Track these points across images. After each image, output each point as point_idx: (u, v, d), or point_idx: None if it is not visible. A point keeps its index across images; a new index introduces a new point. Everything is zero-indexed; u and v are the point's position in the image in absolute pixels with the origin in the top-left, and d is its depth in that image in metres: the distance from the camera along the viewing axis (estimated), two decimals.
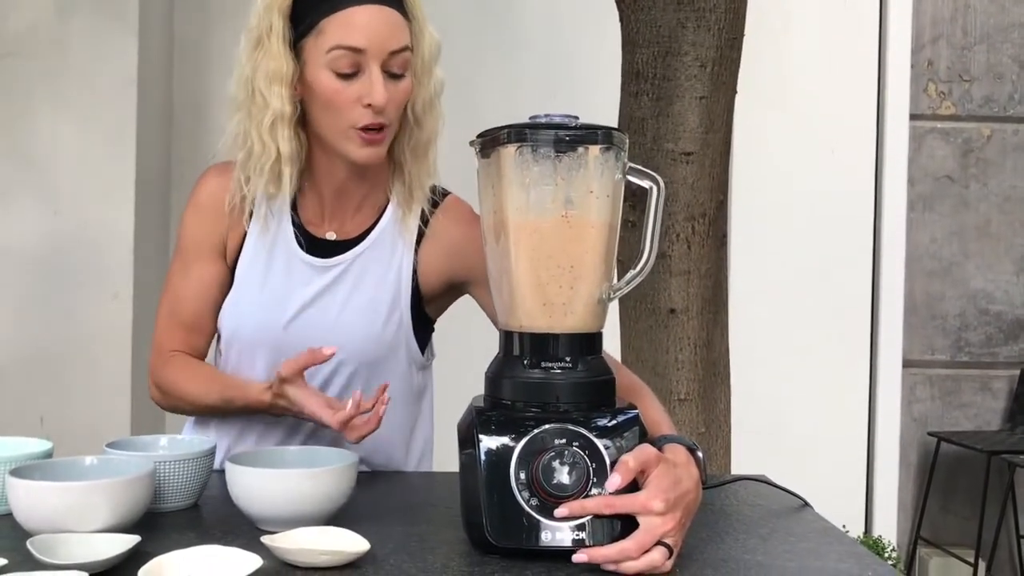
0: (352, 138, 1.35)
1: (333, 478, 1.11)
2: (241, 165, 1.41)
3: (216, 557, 0.97)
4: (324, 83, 1.33)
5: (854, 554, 1.10)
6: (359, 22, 1.31)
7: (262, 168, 1.38)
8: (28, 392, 3.03)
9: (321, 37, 1.32)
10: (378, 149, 1.36)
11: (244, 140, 1.39)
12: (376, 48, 1.31)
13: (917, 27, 3.65)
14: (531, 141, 1.07)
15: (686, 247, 2.03)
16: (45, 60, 3.06)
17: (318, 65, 1.33)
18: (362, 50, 1.31)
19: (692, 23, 1.99)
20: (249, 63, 1.36)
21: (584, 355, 1.09)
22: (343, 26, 1.31)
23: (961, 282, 3.70)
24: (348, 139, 1.35)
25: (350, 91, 1.32)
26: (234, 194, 1.43)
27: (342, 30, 1.31)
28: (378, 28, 1.31)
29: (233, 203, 1.43)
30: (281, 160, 1.37)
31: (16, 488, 1.04)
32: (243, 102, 1.38)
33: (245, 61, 1.37)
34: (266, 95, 1.35)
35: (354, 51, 1.31)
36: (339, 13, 1.31)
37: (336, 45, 1.31)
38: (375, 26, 1.31)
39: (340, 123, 1.34)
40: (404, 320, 1.44)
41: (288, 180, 1.39)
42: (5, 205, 3.06)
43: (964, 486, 3.65)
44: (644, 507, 1.00)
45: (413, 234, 1.45)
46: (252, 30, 1.36)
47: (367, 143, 1.35)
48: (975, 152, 3.70)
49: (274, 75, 1.34)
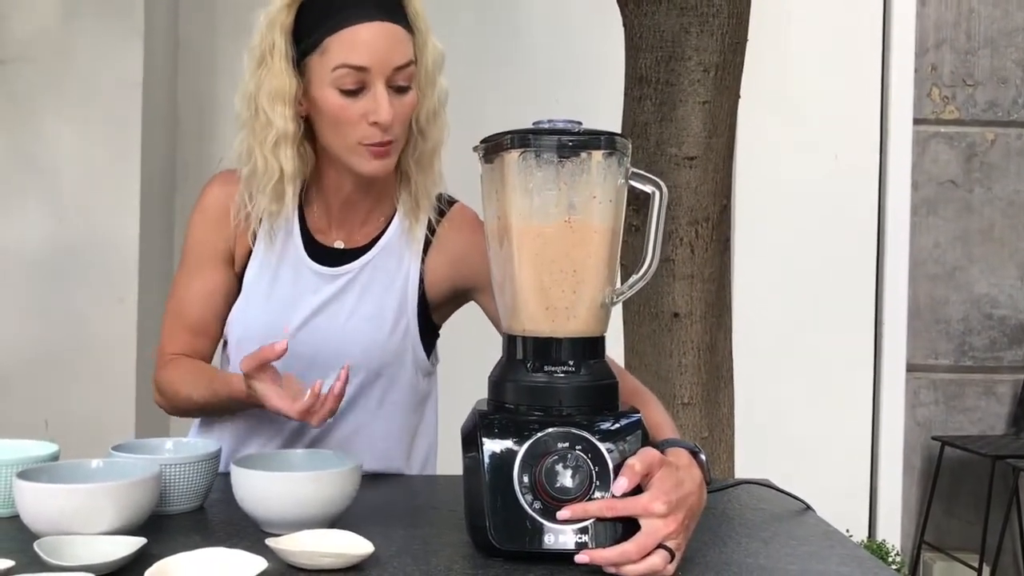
0: (360, 153, 1.35)
1: (337, 481, 1.12)
2: (245, 181, 1.42)
3: (221, 559, 0.97)
4: (330, 101, 1.33)
5: (856, 558, 1.10)
6: (363, 40, 1.31)
7: (264, 187, 1.39)
8: (34, 395, 3.04)
9: (325, 56, 1.32)
10: (385, 162, 1.37)
11: (248, 157, 1.40)
12: (380, 65, 1.32)
13: (921, 31, 3.66)
14: (534, 147, 1.07)
15: (689, 251, 2.03)
16: (50, 64, 3.07)
17: (323, 83, 1.33)
18: (366, 68, 1.31)
19: (695, 28, 1.99)
20: (252, 81, 1.37)
21: (587, 359, 1.10)
22: (347, 45, 1.31)
23: (965, 286, 3.70)
24: (356, 154, 1.36)
25: (355, 108, 1.33)
26: (239, 209, 1.44)
27: (346, 49, 1.31)
28: (382, 45, 1.32)
29: (239, 218, 1.44)
30: (284, 179, 1.38)
31: (23, 490, 1.05)
32: (247, 120, 1.39)
33: (248, 79, 1.38)
34: (269, 114, 1.35)
35: (358, 70, 1.31)
36: (343, 31, 1.31)
37: (341, 64, 1.31)
38: (379, 43, 1.31)
39: (347, 140, 1.35)
40: (411, 328, 1.45)
41: (291, 198, 1.40)
42: (10, 209, 3.07)
43: (968, 490, 3.65)
44: (646, 509, 1.01)
45: (420, 243, 1.46)
46: (255, 48, 1.36)
47: (375, 156, 1.35)
48: (979, 156, 3.70)
49: (277, 94, 1.34)
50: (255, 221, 1.44)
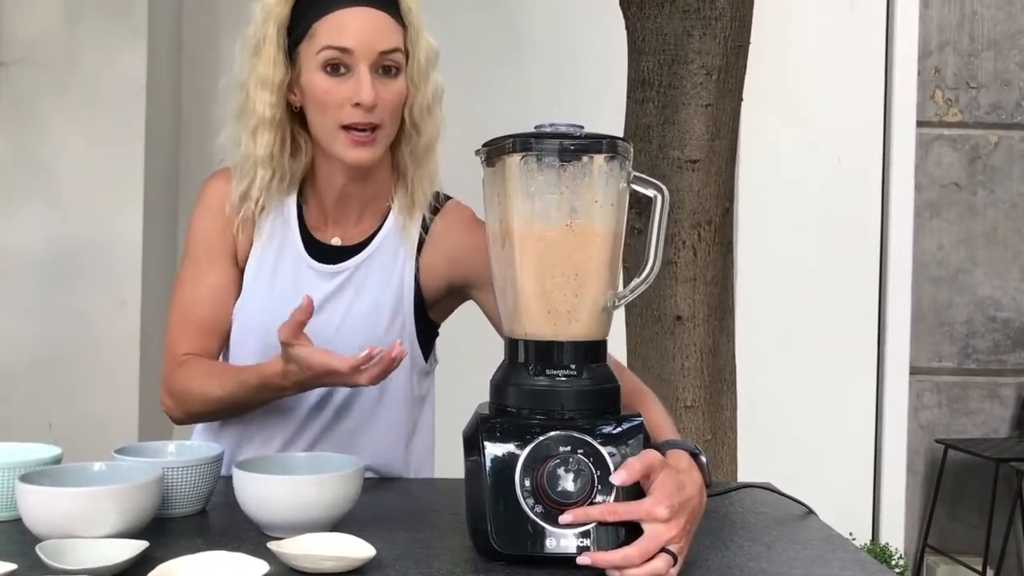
0: (341, 138, 1.37)
1: (339, 484, 1.12)
2: (235, 169, 1.45)
3: (223, 563, 0.97)
4: (316, 84, 1.36)
5: (859, 562, 1.10)
6: (348, 23, 1.34)
7: (243, 170, 1.42)
8: (37, 397, 3.04)
9: (313, 40, 1.36)
10: (369, 150, 1.37)
11: (235, 144, 1.44)
12: (364, 48, 1.34)
13: (924, 34, 3.65)
14: (536, 150, 1.07)
15: (692, 254, 2.03)
16: (54, 67, 3.07)
17: (311, 68, 1.36)
18: (350, 50, 1.34)
19: (698, 31, 1.99)
20: (244, 69, 1.41)
21: (589, 363, 1.10)
22: (334, 28, 1.35)
23: (968, 289, 3.70)
24: (337, 140, 1.37)
25: (340, 91, 1.35)
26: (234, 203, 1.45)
27: (332, 31, 1.35)
28: (367, 29, 1.35)
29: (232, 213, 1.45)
30: (257, 162, 1.41)
31: (25, 494, 1.05)
32: (238, 106, 1.43)
33: (242, 67, 1.41)
34: (254, 100, 1.39)
35: (343, 51, 1.34)
36: (330, 15, 1.35)
37: (326, 45, 1.35)
38: (364, 27, 1.35)
39: (329, 123, 1.37)
40: (407, 326, 1.45)
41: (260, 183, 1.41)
42: (14, 210, 3.08)
43: (972, 493, 3.64)
44: (648, 514, 1.00)
45: (415, 240, 1.46)
46: (250, 39, 1.40)
47: (357, 144, 1.36)
48: (982, 159, 3.70)
49: (263, 80, 1.38)
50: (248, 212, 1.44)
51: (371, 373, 1.24)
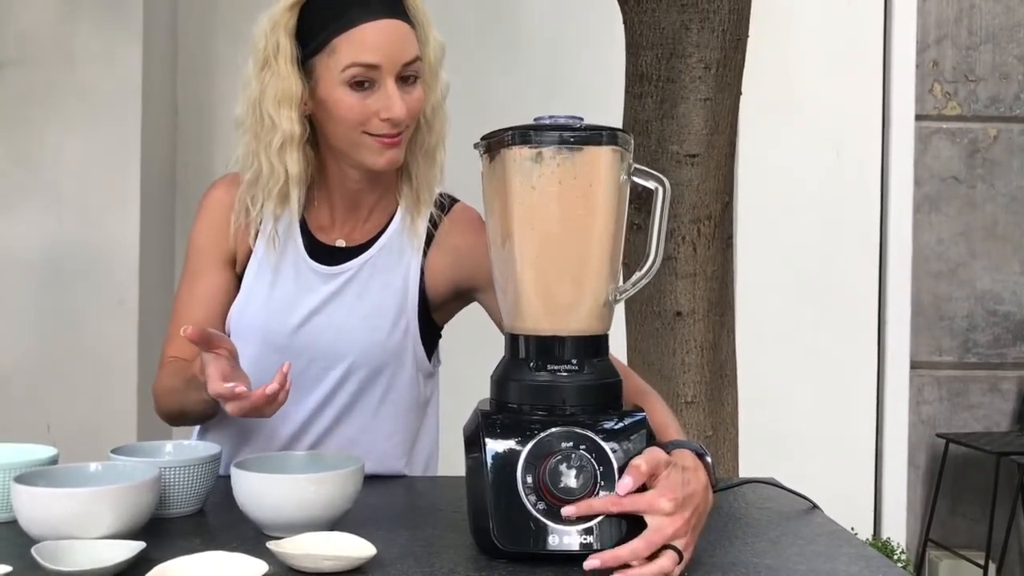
0: (369, 145, 1.35)
1: (339, 483, 1.11)
2: (248, 186, 1.41)
3: (222, 563, 0.96)
4: (340, 100, 1.33)
5: (864, 557, 1.09)
6: (371, 39, 1.31)
7: (271, 191, 1.38)
8: (35, 399, 3.04)
9: (334, 56, 1.32)
10: (398, 152, 1.37)
11: (252, 162, 1.39)
12: (390, 63, 1.32)
13: (922, 27, 3.65)
14: (536, 142, 1.06)
15: (692, 249, 2.02)
16: (49, 68, 3.06)
17: (333, 83, 1.33)
18: (377, 66, 1.31)
19: (696, 25, 1.98)
20: (256, 84, 1.36)
21: (590, 358, 1.09)
22: (356, 44, 1.31)
23: (968, 283, 3.69)
24: (367, 148, 1.35)
25: (367, 105, 1.33)
26: (239, 214, 1.43)
27: (356, 48, 1.31)
28: (390, 42, 1.32)
29: (239, 223, 1.44)
30: (290, 181, 1.38)
31: (20, 495, 1.04)
32: (251, 124, 1.38)
33: (252, 83, 1.37)
34: (275, 117, 1.35)
35: (370, 68, 1.31)
36: (351, 31, 1.31)
37: (352, 63, 1.31)
38: (387, 41, 1.32)
39: (353, 133, 1.35)
40: (411, 327, 1.44)
41: (296, 200, 1.39)
42: (10, 212, 3.07)
43: (973, 488, 3.63)
44: (651, 506, 1.00)
45: (421, 240, 1.45)
46: (259, 51, 1.36)
47: (386, 147, 1.35)
48: (981, 152, 3.69)
49: (283, 96, 1.34)
50: (256, 223, 1.43)
51: (240, 405, 1.17)
